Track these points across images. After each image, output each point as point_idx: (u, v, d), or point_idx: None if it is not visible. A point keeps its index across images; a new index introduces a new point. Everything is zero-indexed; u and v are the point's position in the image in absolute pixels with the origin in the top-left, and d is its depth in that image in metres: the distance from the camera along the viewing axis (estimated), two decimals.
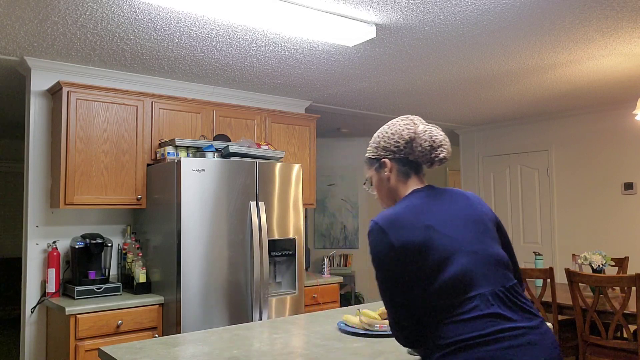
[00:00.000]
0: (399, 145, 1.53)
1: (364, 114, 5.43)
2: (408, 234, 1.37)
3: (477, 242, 1.40)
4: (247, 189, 3.40)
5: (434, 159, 1.51)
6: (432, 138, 1.50)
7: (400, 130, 1.54)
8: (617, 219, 5.18)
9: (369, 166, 1.62)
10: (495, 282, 1.36)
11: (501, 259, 1.41)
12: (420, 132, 1.51)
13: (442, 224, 1.41)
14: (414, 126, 1.54)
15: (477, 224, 1.45)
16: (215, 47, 3.24)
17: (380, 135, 1.57)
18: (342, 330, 2.14)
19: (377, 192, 1.61)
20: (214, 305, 3.22)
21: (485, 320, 1.30)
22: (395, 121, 1.57)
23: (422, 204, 1.45)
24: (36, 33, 2.96)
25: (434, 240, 1.37)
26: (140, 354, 1.85)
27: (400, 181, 1.55)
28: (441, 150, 1.51)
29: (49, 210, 3.51)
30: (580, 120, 5.52)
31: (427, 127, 1.53)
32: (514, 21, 2.89)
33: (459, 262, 1.35)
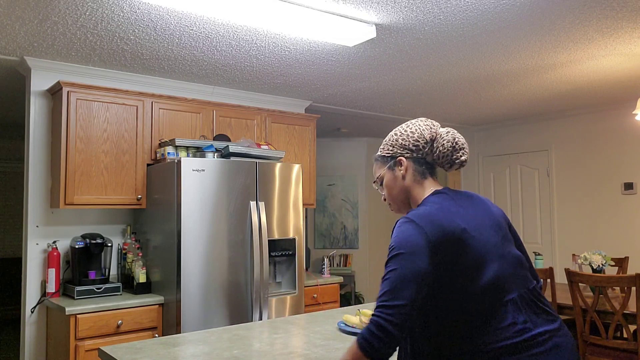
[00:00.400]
0: (419, 144, 1.50)
1: (364, 114, 5.43)
2: (446, 231, 1.32)
3: (502, 246, 1.39)
4: (247, 189, 3.40)
5: (454, 160, 1.48)
6: (454, 139, 1.48)
7: (421, 129, 1.51)
8: (617, 219, 5.18)
9: (380, 164, 1.57)
10: (521, 285, 1.36)
11: (522, 260, 1.41)
12: (443, 133, 1.49)
13: (473, 227, 1.37)
14: (435, 127, 1.52)
15: (499, 228, 1.44)
16: (215, 47, 3.24)
17: (398, 134, 1.53)
18: (342, 330, 2.14)
19: (388, 191, 1.55)
20: (214, 305, 3.22)
21: (517, 327, 1.29)
22: (415, 121, 1.54)
23: (451, 206, 1.41)
24: (36, 33, 2.96)
25: (468, 243, 1.33)
26: (140, 354, 1.85)
27: (416, 181, 1.50)
28: (463, 153, 1.48)
29: (49, 210, 3.51)
30: (580, 120, 5.52)
31: (448, 128, 1.52)
32: (514, 21, 2.89)
33: (491, 267, 1.33)
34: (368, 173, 7.18)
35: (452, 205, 1.41)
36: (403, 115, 5.63)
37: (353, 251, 7.09)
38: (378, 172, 1.59)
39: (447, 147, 1.47)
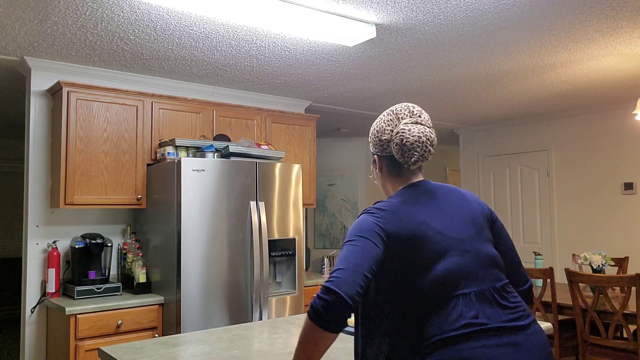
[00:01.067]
0: (383, 144, 1.50)
1: (364, 114, 5.43)
2: (400, 225, 1.34)
3: (470, 242, 1.38)
4: (247, 189, 3.40)
5: (406, 161, 1.44)
6: (402, 141, 1.43)
7: (382, 128, 1.50)
8: (617, 219, 5.18)
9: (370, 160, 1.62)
10: (485, 282, 1.34)
11: (493, 258, 1.40)
12: (395, 134, 1.45)
13: (436, 220, 1.37)
14: (394, 125, 1.48)
15: (472, 223, 1.42)
16: (215, 47, 3.24)
17: (371, 131, 1.55)
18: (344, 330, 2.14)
19: (378, 183, 1.60)
20: (214, 305, 3.22)
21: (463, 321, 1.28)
22: (382, 115, 1.52)
23: (417, 200, 1.41)
24: (36, 33, 2.96)
25: (427, 237, 1.34)
26: (140, 354, 1.85)
27: (391, 177, 1.52)
28: (412, 154, 1.42)
29: (49, 210, 3.51)
30: (580, 120, 5.52)
31: (406, 126, 1.44)
32: (514, 21, 2.89)
33: (449, 260, 1.33)
34: (368, 173, 7.18)
35: (419, 198, 1.41)
36: None
37: None
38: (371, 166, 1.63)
39: (397, 151, 1.45)
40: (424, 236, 1.34)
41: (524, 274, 1.54)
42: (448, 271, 1.32)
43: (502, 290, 1.36)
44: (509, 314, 1.32)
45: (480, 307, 1.31)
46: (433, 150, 1.46)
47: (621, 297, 3.67)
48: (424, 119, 1.48)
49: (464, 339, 1.26)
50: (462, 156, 6.77)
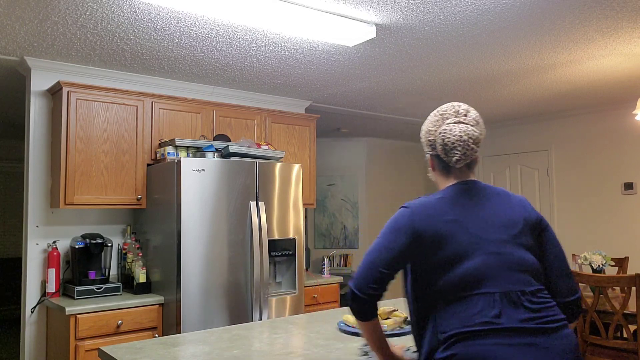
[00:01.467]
0: (430, 143, 1.54)
1: (364, 114, 5.43)
2: (429, 222, 1.39)
3: (500, 244, 1.38)
4: (247, 189, 3.40)
5: (450, 160, 1.48)
6: (444, 141, 1.47)
7: (429, 128, 1.54)
8: (617, 219, 5.18)
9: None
10: (512, 284, 1.34)
11: (525, 263, 1.39)
12: (438, 134, 1.49)
13: (469, 220, 1.40)
14: (438, 125, 1.51)
15: (508, 227, 1.42)
16: (215, 47, 3.24)
17: (422, 132, 1.57)
18: (342, 330, 2.14)
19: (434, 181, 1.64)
20: (214, 305, 3.22)
21: (483, 319, 1.30)
22: (431, 116, 1.55)
23: (455, 198, 1.44)
24: (36, 33, 2.96)
25: (455, 235, 1.37)
26: (140, 354, 1.85)
27: (441, 175, 1.55)
28: (454, 153, 1.46)
29: (49, 210, 3.51)
30: (580, 120, 5.52)
31: (449, 126, 1.47)
32: (514, 21, 2.89)
33: (475, 260, 1.35)
34: (368, 173, 7.18)
35: (457, 197, 1.44)
36: (403, 116, 5.63)
37: (353, 251, 7.09)
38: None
39: (440, 150, 1.48)
40: (450, 235, 1.37)
41: (572, 286, 1.49)
42: (469, 270, 1.35)
43: (532, 294, 1.35)
44: (533, 317, 1.32)
45: (503, 307, 1.31)
46: (476, 148, 1.48)
47: (621, 297, 3.67)
48: (469, 118, 1.50)
49: (479, 336, 1.28)
50: None
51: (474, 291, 1.33)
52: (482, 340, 1.28)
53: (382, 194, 7.33)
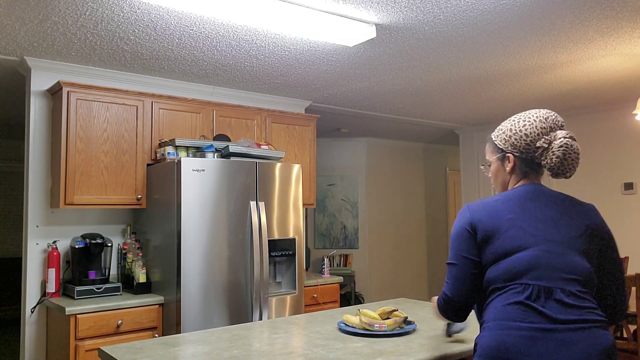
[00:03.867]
0: (530, 148, 1.54)
1: (364, 114, 5.43)
2: (487, 218, 1.48)
3: (554, 245, 1.43)
4: (247, 189, 3.40)
5: (559, 174, 1.53)
6: (564, 155, 1.49)
7: (534, 133, 1.53)
8: (617, 219, 5.18)
9: (492, 150, 1.66)
10: (556, 282, 1.38)
11: (575, 267, 1.41)
12: (556, 146, 1.50)
13: (528, 219, 1.46)
14: (551, 135, 1.52)
15: (567, 230, 1.46)
16: (215, 47, 3.24)
17: (513, 131, 1.57)
18: (342, 330, 2.14)
19: (493, 177, 1.68)
20: (214, 305, 3.22)
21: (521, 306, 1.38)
22: (533, 120, 1.55)
23: (518, 199, 1.51)
24: (36, 33, 2.96)
25: (509, 231, 1.44)
26: (140, 354, 1.85)
27: (517, 177, 1.59)
28: (570, 168, 1.51)
29: (49, 210, 3.51)
30: (580, 120, 5.52)
31: (565, 140, 1.50)
32: (514, 21, 2.89)
33: (525, 254, 1.42)
34: (368, 173, 7.18)
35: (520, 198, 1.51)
36: (403, 115, 5.63)
37: (353, 251, 7.09)
38: (488, 156, 1.69)
39: (555, 162, 1.50)
40: (506, 229, 1.45)
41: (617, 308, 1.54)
42: (519, 261, 1.41)
43: (574, 295, 1.38)
44: (569, 314, 1.35)
45: (539, 300, 1.37)
46: None
47: None
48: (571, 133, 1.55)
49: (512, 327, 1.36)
50: (462, 156, 6.77)
51: (514, 282, 1.40)
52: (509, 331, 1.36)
53: (382, 194, 7.33)
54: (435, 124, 6.21)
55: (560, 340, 1.32)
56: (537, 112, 1.57)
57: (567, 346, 1.31)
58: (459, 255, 1.50)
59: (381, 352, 1.83)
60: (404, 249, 7.56)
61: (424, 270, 7.82)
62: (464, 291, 1.48)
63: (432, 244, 7.93)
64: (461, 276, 1.49)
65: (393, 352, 1.83)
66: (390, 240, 7.38)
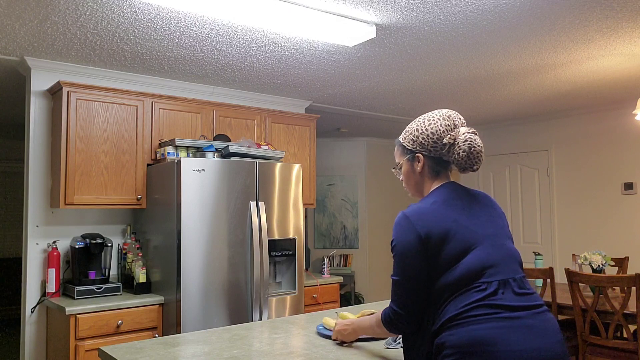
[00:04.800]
0: (437, 146, 1.57)
1: (364, 114, 5.43)
2: (434, 225, 1.46)
3: (495, 237, 1.50)
4: (247, 189, 3.40)
5: (467, 168, 1.55)
6: (470, 149, 1.53)
7: (440, 131, 1.56)
8: (617, 219, 5.18)
9: (401, 153, 1.67)
10: (507, 273, 1.45)
11: (515, 255, 1.52)
12: (461, 141, 1.53)
13: (467, 218, 1.49)
14: (455, 131, 1.56)
15: (497, 221, 1.54)
16: (215, 47, 3.24)
17: (420, 130, 1.60)
18: (320, 334, 2.09)
19: (405, 179, 1.68)
20: (214, 305, 3.22)
21: (484, 302, 1.39)
22: (437, 119, 1.59)
23: (449, 199, 1.53)
24: (36, 33, 2.96)
25: (458, 232, 1.45)
26: (140, 354, 1.85)
27: (429, 177, 1.61)
28: (476, 162, 1.54)
29: (49, 210, 3.51)
30: (580, 120, 5.52)
31: (468, 134, 1.54)
32: (514, 21, 2.89)
33: (476, 253, 1.44)
34: (368, 173, 7.18)
35: (451, 198, 1.53)
36: (403, 115, 5.63)
37: (353, 251, 7.09)
38: (398, 158, 1.70)
39: (462, 156, 1.54)
40: (454, 232, 1.46)
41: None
42: (476, 262, 1.43)
43: (520, 281, 1.47)
44: (524, 301, 1.42)
45: (502, 293, 1.41)
46: None
47: (621, 297, 3.67)
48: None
49: (481, 321, 1.37)
50: None
51: (477, 280, 1.42)
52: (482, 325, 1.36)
53: (382, 194, 7.33)
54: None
55: (528, 326, 1.37)
56: (439, 112, 1.61)
57: (535, 331, 1.37)
58: (407, 269, 1.46)
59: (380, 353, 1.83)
60: None
61: None
62: (415, 304, 1.46)
63: None
64: (412, 290, 1.46)
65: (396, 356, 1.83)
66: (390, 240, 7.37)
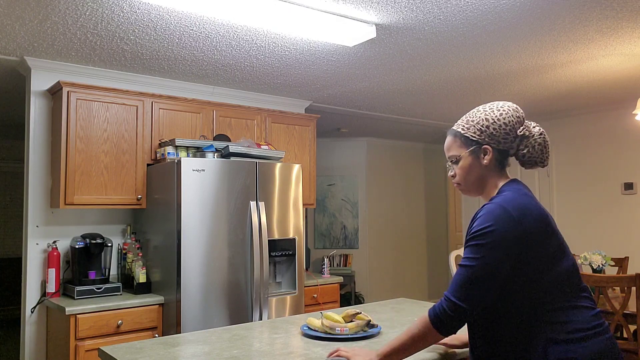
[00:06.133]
0: (508, 138, 1.48)
1: (364, 114, 5.43)
2: (536, 216, 1.37)
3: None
4: (247, 189, 3.40)
5: (538, 162, 1.50)
6: (545, 142, 1.49)
7: (512, 122, 1.48)
8: (617, 219, 5.18)
9: (461, 144, 1.53)
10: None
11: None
12: (535, 133, 1.49)
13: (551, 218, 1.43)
14: (527, 125, 1.50)
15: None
16: (215, 47, 3.24)
17: (490, 120, 1.49)
18: (306, 334, 2.07)
19: (463, 173, 1.54)
20: (214, 305, 3.22)
21: (595, 312, 1.37)
22: (507, 109, 1.50)
23: (531, 196, 1.45)
24: (36, 33, 2.96)
25: (551, 232, 1.39)
26: (140, 354, 1.85)
27: (495, 171, 1.51)
28: (547, 157, 1.50)
29: (49, 210, 3.51)
30: (580, 120, 5.52)
31: (540, 128, 1.51)
32: (514, 21, 2.89)
33: (569, 256, 1.39)
34: (368, 173, 7.18)
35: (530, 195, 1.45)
36: (403, 115, 5.63)
37: (353, 251, 7.09)
38: (456, 151, 1.55)
39: (537, 150, 1.48)
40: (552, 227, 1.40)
41: None
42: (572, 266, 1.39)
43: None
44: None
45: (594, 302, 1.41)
46: None
47: (621, 297, 3.67)
48: None
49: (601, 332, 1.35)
50: None
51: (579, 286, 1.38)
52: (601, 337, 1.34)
53: (382, 194, 7.33)
54: (435, 124, 6.21)
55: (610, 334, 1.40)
56: (504, 103, 1.52)
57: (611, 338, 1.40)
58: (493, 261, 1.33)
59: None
60: (404, 249, 7.56)
61: (424, 270, 7.82)
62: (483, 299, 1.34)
63: (432, 244, 7.93)
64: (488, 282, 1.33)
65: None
66: (390, 240, 7.38)
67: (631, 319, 3.14)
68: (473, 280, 1.33)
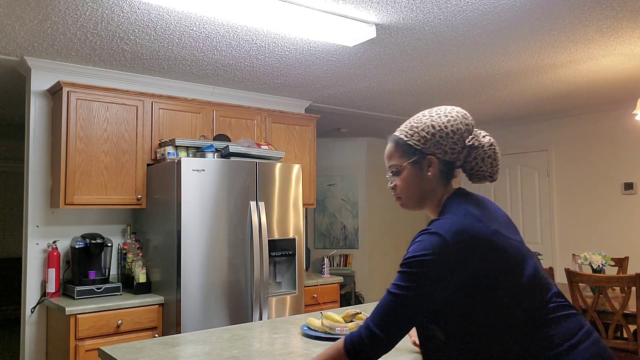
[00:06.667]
0: (456, 148, 1.32)
1: (364, 114, 5.43)
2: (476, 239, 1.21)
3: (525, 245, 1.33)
4: (247, 189, 3.40)
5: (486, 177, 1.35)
6: (495, 154, 1.34)
7: (461, 130, 1.32)
8: (617, 219, 5.18)
9: (402, 153, 1.37)
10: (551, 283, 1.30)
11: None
12: (486, 144, 1.33)
13: (503, 227, 1.27)
14: (476, 134, 1.35)
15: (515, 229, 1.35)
16: (215, 47, 3.24)
17: (437, 127, 1.32)
18: (306, 334, 2.08)
19: (404, 185, 1.37)
20: (214, 305, 3.22)
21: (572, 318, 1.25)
22: (455, 116, 1.33)
23: (477, 208, 1.28)
24: (36, 33, 2.96)
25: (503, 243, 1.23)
26: (140, 354, 1.85)
27: (440, 184, 1.35)
28: (497, 170, 1.35)
29: (49, 210, 3.51)
30: (580, 120, 5.52)
31: (490, 138, 1.35)
32: (514, 21, 2.89)
33: (529, 264, 1.25)
34: (368, 173, 7.18)
35: (477, 207, 1.29)
36: (403, 116, 5.63)
37: (353, 251, 7.09)
38: (397, 160, 1.38)
39: (487, 162, 1.34)
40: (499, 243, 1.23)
41: None
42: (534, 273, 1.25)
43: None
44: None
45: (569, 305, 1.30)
46: None
47: (621, 297, 3.67)
48: None
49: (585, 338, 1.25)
50: None
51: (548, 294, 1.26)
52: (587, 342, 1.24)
53: (382, 194, 7.33)
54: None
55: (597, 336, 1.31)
56: (452, 108, 1.35)
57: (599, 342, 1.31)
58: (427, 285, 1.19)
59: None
60: (404, 249, 7.56)
61: None
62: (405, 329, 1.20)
63: None
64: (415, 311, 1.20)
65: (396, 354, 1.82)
66: (390, 240, 7.38)
67: (631, 319, 3.14)
68: (398, 310, 1.19)
